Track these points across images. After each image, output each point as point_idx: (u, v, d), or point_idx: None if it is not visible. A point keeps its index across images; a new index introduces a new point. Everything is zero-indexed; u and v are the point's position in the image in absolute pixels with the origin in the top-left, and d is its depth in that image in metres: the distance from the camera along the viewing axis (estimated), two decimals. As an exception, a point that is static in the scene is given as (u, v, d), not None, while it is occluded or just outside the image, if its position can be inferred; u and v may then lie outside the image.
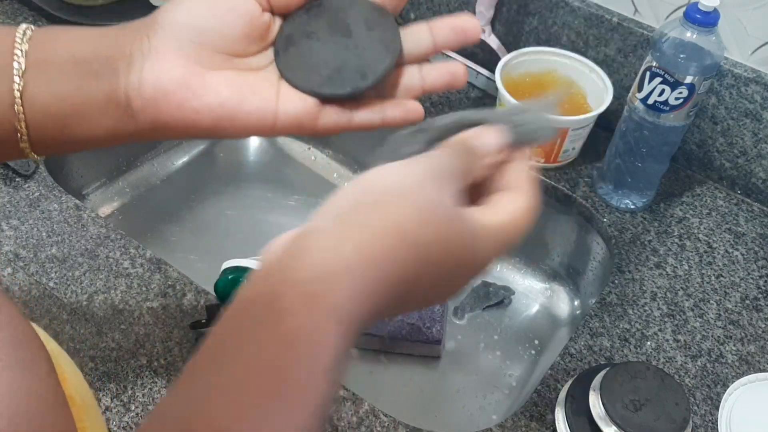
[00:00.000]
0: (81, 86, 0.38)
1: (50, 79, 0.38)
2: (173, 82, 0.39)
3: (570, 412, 0.59)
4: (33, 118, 0.38)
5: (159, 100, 0.39)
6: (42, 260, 0.70)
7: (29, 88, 0.38)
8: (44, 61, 0.38)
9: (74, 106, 0.38)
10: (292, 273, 0.30)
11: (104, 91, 0.39)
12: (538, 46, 0.87)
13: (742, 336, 0.70)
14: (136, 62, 0.39)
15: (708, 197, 0.84)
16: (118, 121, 0.40)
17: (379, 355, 0.85)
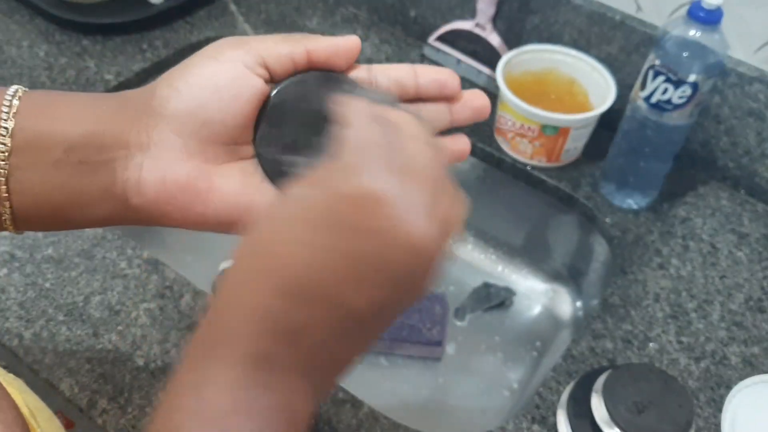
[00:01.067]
0: (74, 177, 0.35)
1: (39, 167, 0.35)
2: (177, 185, 0.36)
3: (572, 415, 0.59)
4: (20, 203, 0.35)
5: (160, 202, 0.36)
6: (38, 261, 0.70)
7: (16, 173, 0.34)
8: (33, 145, 0.35)
9: (67, 195, 0.35)
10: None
11: (100, 184, 0.36)
12: (539, 43, 0.87)
13: (746, 338, 0.69)
14: (135, 157, 0.36)
15: (712, 197, 0.84)
16: (115, 211, 0.37)
17: (380, 357, 0.85)
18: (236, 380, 0.29)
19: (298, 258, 0.29)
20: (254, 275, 0.30)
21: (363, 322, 0.31)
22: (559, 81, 0.87)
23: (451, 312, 0.90)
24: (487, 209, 0.96)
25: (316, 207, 0.30)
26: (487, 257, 0.97)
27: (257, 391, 0.29)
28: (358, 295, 0.30)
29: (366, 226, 0.30)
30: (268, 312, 0.29)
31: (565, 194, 0.85)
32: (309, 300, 0.29)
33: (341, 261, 0.29)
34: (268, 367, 0.29)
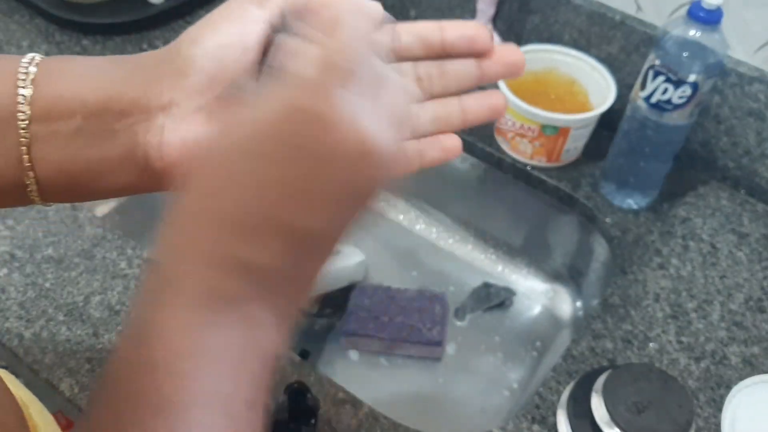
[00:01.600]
0: (94, 143, 0.34)
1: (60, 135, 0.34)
2: (200, 144, 0.35)
3: (572, 415, 0.59)
4: (43, 173, 0.35)
5: (184, 165, 0.35)
6: (38, 261, 0.69)
7: (38, 142, 0.34)
8: (51, 110, 0.34)
9: (89, 162, 0.35)
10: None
11: (121, 149, 0.35)
12: (539, 43, 0.87)
13: (746, 338, 0.69)
14: (156, 119, 0.34)
15: (712, 197, 0.84)
16: (137, 178, 0.36)
17: (380, 357, 0.85)
18: (190, 322, 0.28)
19: (237, 190, 0.28)
20: (195, 215, 0.29)
21: (317, 241, 0.30)
22: (559, 81, 0.86)
23: (451, 312, 0.90)
24: (487, 209, 0.95)
25: (247, 133, 0.29)
26: (487, 257, 0.97)
27: (215, 330, 0.28)
28: (307, 216, 0.29)
29: (300, 141, 0.28)
30: (215, 248, 0.28)
31: (565, 194, 0.84)
32: (255, 230, 0.28)
33: (281, 184, 0.28)
34: (224, 304, 0.28)
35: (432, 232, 1.00)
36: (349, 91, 0.29)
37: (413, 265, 0.96)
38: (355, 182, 0.30)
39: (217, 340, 0.28)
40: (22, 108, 0.33)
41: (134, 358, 0.28)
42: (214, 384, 0.28)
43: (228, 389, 0.28)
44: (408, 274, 0.95)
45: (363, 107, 0.29)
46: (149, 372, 0.27)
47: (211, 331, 0.28)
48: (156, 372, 0.27)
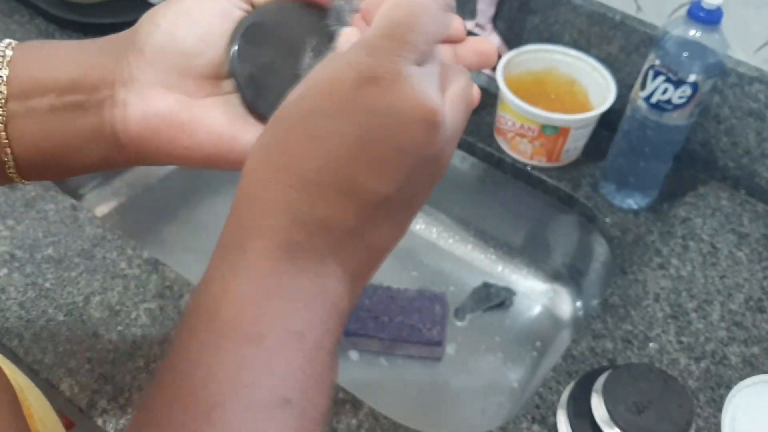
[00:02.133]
0: (67, 119, 0.36)
1: (35, 112, 0.36)
2: (160, 119, 0.37)
3: (572, 415, 0.59)
4: (19, 149, 0.37)
5: (146, 138, 0.37)
6: (38, 261, 0.69)
7: (14, 120, 0.36)
8: (26, 89, 0.36)
9: (62, 138, 0.37)
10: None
11: (91, 124, 0.37)
12: (539, 43, 0.87)
13: (746, 338, 0.69)
14: (119, 95, 0.37)
15: (712, 197, 0.84)
16: (108, 152, 0.38)
17: (380, 357, 0.85)
18: (266, 269, 0.29)
19: (313, 149, 0.30)
20: (272, 173, 0.30)
21: (389, 205, 0.31)
22: (559, 81, 0.86)
23: (451, 312, 0.90)
24: (487, 209, 0.95)
25: (323, 95, 0.30)
26: (487, 257, 0.97)
27: (289, 277, 0.29)
28: (379, 179, 0.30)
29: (375, 106, 0.30)
30: (291, 205, 0.30)
31: (565, 194, 0.84)
32: (329, 189, 0.30)
33: (355, 146, 0.30)
34: (299, 255, 0.30)
35: (432, 232, 1.00)
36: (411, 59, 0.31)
37: (413, 265, 0.96)
38: (424, 151, 0.31)
39: (291, 284, 0.29)
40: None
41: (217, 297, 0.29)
42: (301, 325, 0.29)
43: (301, 327, 0.29)
44: (408, 274, 0.95)
45: (426, 77, 0.31)
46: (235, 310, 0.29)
47: (286, 277, 0.29)
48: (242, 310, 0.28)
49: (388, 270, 0.94)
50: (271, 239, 0.29)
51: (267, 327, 0.28)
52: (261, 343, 0.28)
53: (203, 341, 0.28)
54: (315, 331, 0.29)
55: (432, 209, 1.01)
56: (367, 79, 0.30)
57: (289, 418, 0.27)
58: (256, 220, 0.30)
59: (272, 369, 0.28)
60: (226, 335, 0.28)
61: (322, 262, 0.30)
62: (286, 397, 0.27)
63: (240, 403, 0.27)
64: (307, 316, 0.29)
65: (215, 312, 0.29)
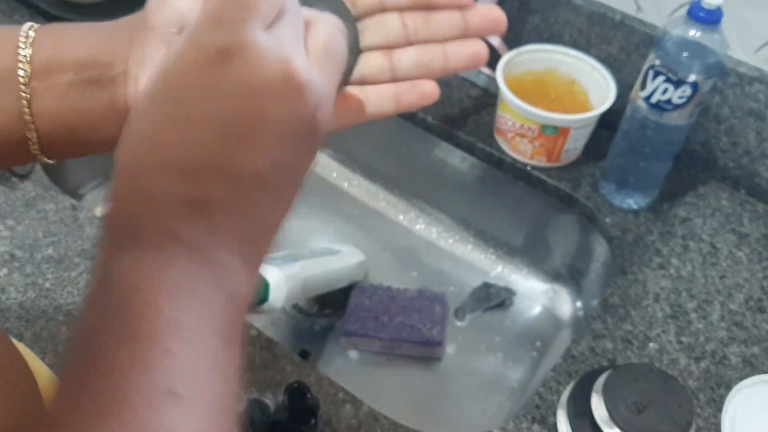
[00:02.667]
0: (85, 94, 0.37)
1: (56, 87, 0.37)
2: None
3: (572, 415, 0.59)
4: (42, 126, 0.38)
5: None
6: (38, 261, 0.69)
7: (36, 97, 0.37)
8: (49, 67, 0.37)
9: (81, 113, 0.38)
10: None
11: (106, 99, 0.38)
12: (539, 43, 0.87)
13: (746, 338, 0.69)
14: (132, 70, 0.37)
15: (712, 197, 0.84)
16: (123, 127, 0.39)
17: (380, 357, 0.85)
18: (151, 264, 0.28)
19: (176, 137, 0.29)
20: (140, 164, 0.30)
21: (266, 180, 0.30)
22: (559, 81, 0.86)
23: (451, 312, 0.90)
24: (487, 209, 0.95)
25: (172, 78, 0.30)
26: (487, 257, 0.97)
27: (176, 269, 0.28)
28: (248, 156, 0.29)
29: (229, 81, 0.29)
30: (161, 194, 0.29)
31: (565, 194, 0.84)
32: (199, 174, 0.29)
33: (217, 127, 0.29)
34: (181, 246, 0.29)
35: (432, 232, 1.00)
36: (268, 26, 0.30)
37: (413, 265, 0.96)
38: (290, 118, 0.30)
39: (179, 279, 0.28)
40: (22, 67, 0.36)
41: (96, 302, 0.29)
42: (181, 314, 0.28)
43: (196, 322, 0.28)
44: (408, 274, 0.95)
45: (285, 42, 0.30)
46: (114, 310, 0.28)
47: (173, 271, 0.28)
48: (119, 309, 0.28)
49: (388, 270, 0.94)
50: (149, 234, 0.29)
51: (140, 322, 0.27)
52: (135, 339, 0.27)
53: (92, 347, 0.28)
54: (199, 318, 0.28)
55: (432, 209, 1.01)
56: (216, 56, 0.29)
57: (180, 410, 0.27)
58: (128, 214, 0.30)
59: (152, 365, 0.27)
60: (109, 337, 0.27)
61: (207, 250, 0.29)
62: (172, 389, 0.27)
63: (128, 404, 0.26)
64: (183, 303, 0.28)
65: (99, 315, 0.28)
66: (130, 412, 0.26)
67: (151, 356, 0.27)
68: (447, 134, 0.91)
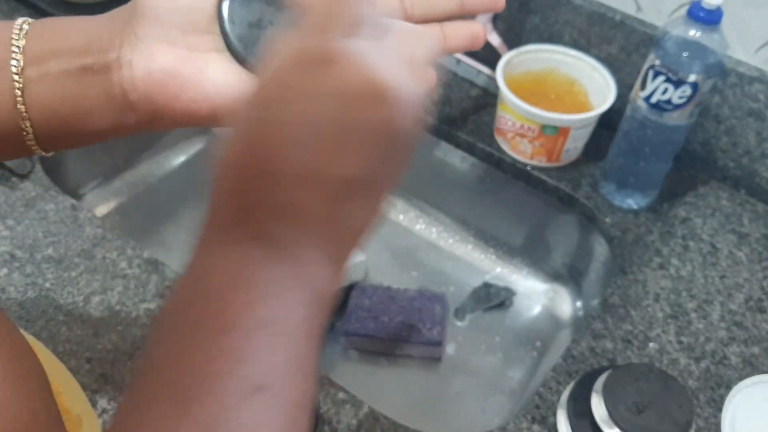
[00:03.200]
0: (79, 82, 0.38)
1: (49, 76, 0.38)
2: (164, 73, 0.38)
3: (572, 415, 0.59)
4: (36, 116, 0.38)
5: (153, 93, 0.38)
6: (38, 261, 0.69)
7: (30, 87, 0.37)
8: (42, 57, 0.38)
9: (75, 102, 0.38)
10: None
11: (101, 86, 0.38)
12: (539, 43, 0.87)
13: (746, 338, 0.69)
14: (126, 55, 0.38)
15: (712, 197, 0.84)
16: (119, 115, 0.39)
17: (379, 357, 0.85)
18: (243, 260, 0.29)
19: (272, 140, 0.30)
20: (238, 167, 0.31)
21: (357, 186, 0.31)
22: (559, 81, 0.87)
23: (451, 312, 0.90)
24: (487, 209, 0.96)
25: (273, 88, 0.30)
26: (487, 257, 0.97)
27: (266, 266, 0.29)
28: (340, 162, 0.30)
29: (321, 88, 0.30)
30: (257, 195, 0.30)
31: (565, 194, 0.85)
32: (293, 177, 0.30)
33: (312, 132, 0.30)
34: (271, 246, 0.30)
35: (432, 232, 1.00)
36: (354, 36, 0.31)
37: (413, 265, 0.96)
38: (383, 129, 0.31)
39: (269, 275, 0.29)
40: (16, 57, 0.37)
41: (191, 292, 0.30)
42: (272, 312, 0.29)
43: (285, 321, 0.29)
44: (408, 274, 0.95)
45: (371, 51, 0.31)
46: (207, 302, 0.29)
47: (263, 268, 0.29)
48: (214, 302, 0.29)
49: (388, 270, 0.94)
50: (242, 234, 0.30)
51: (236, 317, 0.28)
52: (230, 333, 0.28)
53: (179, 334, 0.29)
54: (287, 316, 0.29)
55: (432, 209, 1.01)
56: (314, 63, 0.30)
57: (265, 404, 0.28)
58: (225, 213, 0.31)
59: (242, 357, 0.28)
60: (200, 328, 0.28)
61: (293, 248, 0.30)
62: (260, 383, 0.28)
63: (214, 393, 0.27)
64: (277, 303, 0.29)
65: (190, 306, 0.29)
66: (217, 401, 0.27)
67: (241, 350, 0.28)
68: (447, 134, 0.91)
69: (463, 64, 0.95)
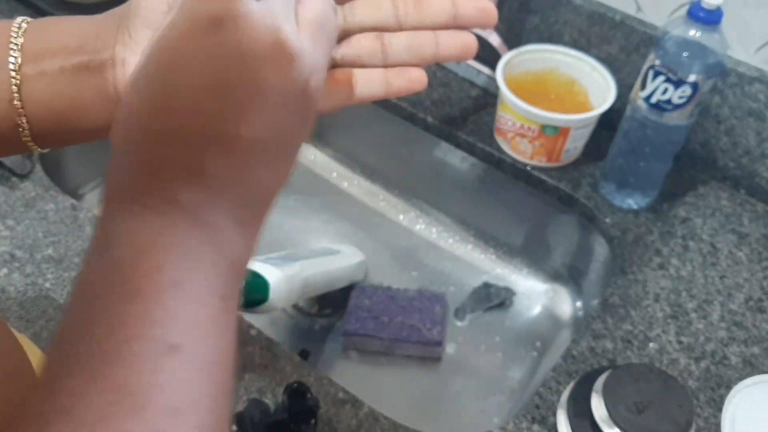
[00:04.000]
0: (75, 80, 0.38)
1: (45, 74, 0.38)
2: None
3: (572, 415, 0.59)
4: (32, 113, 0.38)
5: None
6: (38, 261, 0.70)
7: (26, 83, 0.38)
8: (39, 54, 0.38)
9: (70, 99, 0.39)
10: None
11: (95, 84, 0.38)
12: (539, 43, 0.87)
13: (746, 338, 0.69)
14: (119, 54, 0.38)
15: (712, 197, 0.84)
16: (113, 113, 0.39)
17: (380, 357, 0.85)
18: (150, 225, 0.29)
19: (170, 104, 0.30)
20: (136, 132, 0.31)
21: (260, 147, 0.31)
22: (559, 81, 0.87)
23: (451, 312, 0.90)
24: (488, 209, 0.96)
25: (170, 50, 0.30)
26: (487, 257, 0.97)
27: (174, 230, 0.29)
28: (241, 123, 0.30)
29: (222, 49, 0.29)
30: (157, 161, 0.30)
31: (565, 194, 0.85)
32: (195, 141, 0.30)
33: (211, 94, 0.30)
34: (179, 210, 0.30)
35: (432, 232, 1.00)
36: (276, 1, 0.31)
37: (413, 265, 0.96)
38: (283, 86, 0.31)
39: (180, 242, 0.29)
40: (14, 54, 0.37)
41: (98, 262, 0.30)
42: (181, 274, 0.29)
43: (197, 282, 0.29)
44: (408, 274, 0.95)
45: (277, 12, 0.31)
46: (115, 270, 0.29)
47: (171, 232, 0.29)
48: (121, 268, 0.29)
49: (388, 270, 0.94)
50: (146, 199, 0.30)
51: (144, 281, 0.28)
52: (139, 297, 0.28)
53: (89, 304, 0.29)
54: (197, 277, 0.29)
55: (432, 209, 1.01)
56: (208, 25, 0.29)
57: (180, 363, 0.28)
58: (129, 182, 0.31)
59: (154, 320, 0.28)
60: (109, 295, 0.29)
61: (201, 213, 0.30)
62: (173, 343, 0.28)
63: (127, 356, 0.27)
64: (186, 265, 0.29)
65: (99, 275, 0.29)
66: (131, 363, 0.27)
67: (152, 313, 0.28)
68: (447, 134, 0.91)
69: (463, 65, 0.95)
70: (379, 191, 1.04)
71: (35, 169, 0.79)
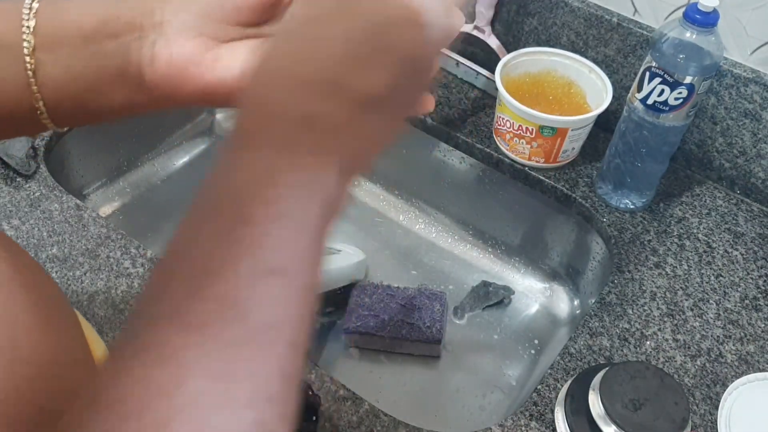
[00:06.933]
0: (91, 64, 0.39)
1: (61, 57, 0.38)
2: (186, 59, 0.39)
3: (569, 412, 0.59)
4: (49, 96, 0.39)
5: (173, 76, 0.39)
6: (43, 260, 0.70)
7: (42, 67, 0.38)
8: (53, 37, 0.38)
9: (87, 82, 0.39)
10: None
11: (116, 66, 0.39)
12: (537, 46, 0.87)
13: (742, 336, 0.70)
14: (148, 37, 0.39)
15: (707, 197, 0.84)
16: (133, 94, 0.40)
17: (379, 355, 0.86)
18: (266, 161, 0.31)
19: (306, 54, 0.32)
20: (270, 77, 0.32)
21: (378, 102, 0.33)
22: (557, 83, 0.87)
23: (450, 310, 0.90)
24: (486, 209, 0.96)
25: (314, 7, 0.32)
26: (485, 256, 0.97)
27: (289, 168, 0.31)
28: (367, 77, 0.32)
29: (362, 10, 0.32)
30: (284, 103, 0.32)
31: (562, 194, 0.85)
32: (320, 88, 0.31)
33: (344, 48, 0.31)
34: (291, 151, 0.31)
35: (432, 232, 1.00)
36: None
37: (413, 264, 0.96)
38: (411, 53, 0.33)
39: (287, 178, 0.31)
40: (26, 38, 0.37)
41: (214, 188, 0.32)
42: (287, 207, 0.31)
43: (300, 217, 0.31)
44: (408, 272, 0.95)
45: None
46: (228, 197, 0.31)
47: (282, 172, 0.31)
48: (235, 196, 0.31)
49: (388, 269, 0.95)
50: (268, 137, 0.32)
51: (254, 210, 0.30)
52: (248, 223, 0.30)
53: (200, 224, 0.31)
54: (302, 212, 0.31)
55: (432, 209, 1.02)
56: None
57: (278, 285, 0.30)
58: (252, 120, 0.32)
59: (259, 244, 0.30)
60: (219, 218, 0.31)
61: (311, 155, 0.32)
62: (274, 267, 0.30)
63: (230, 272, 0.29)
64: (293, 201, 0.31)
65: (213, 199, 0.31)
66: (233, 279, 0.29)
67: (258, 237, 0.30)
68: (446, 135, 0.91)
69: (462, 66, 0.95)
70: (379, 191, 1.04)
71: (40, 170, 0.79)
